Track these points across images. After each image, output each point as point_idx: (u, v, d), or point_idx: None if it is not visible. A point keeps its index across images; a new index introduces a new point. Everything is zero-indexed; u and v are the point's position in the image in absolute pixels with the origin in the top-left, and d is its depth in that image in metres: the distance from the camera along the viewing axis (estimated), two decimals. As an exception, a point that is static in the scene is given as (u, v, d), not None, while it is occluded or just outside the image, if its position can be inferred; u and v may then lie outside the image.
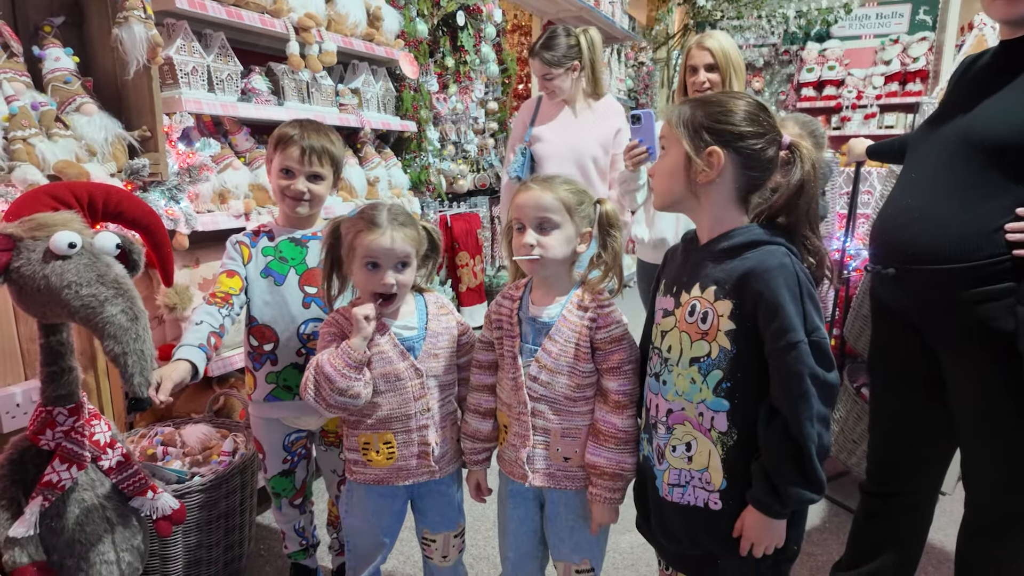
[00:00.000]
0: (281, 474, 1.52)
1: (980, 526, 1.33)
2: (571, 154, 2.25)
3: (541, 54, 2.18)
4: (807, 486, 0.95)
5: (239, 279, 1.38)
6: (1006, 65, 1.21)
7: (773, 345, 0.94)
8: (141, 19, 1.36)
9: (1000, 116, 1.18)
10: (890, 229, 1.32)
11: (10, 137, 1.26)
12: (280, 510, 1.56)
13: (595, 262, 1.16)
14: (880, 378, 1.48)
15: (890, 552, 1.46)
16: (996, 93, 1.21)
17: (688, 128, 0.99)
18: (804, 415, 0.93)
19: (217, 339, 1.33)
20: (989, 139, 1.18)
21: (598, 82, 2.28)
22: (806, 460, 0.94)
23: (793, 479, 0.94)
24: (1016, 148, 1.15)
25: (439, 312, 1.31)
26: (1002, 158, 1.16)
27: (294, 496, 1.55)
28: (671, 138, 1.02)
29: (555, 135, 2.28)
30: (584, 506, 1.18)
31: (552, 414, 1.14)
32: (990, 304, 1.17)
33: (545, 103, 2.34)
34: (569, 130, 2.27)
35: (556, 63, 2.17)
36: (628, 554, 1.86)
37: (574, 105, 2.29)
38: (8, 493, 1.16)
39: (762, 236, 1.00)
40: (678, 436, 1.03)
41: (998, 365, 1.18)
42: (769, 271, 0.95)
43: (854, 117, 5.93)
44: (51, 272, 1.05)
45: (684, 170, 1.00)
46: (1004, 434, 1.22)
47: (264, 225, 1.48)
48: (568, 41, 2.18)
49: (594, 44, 2.22)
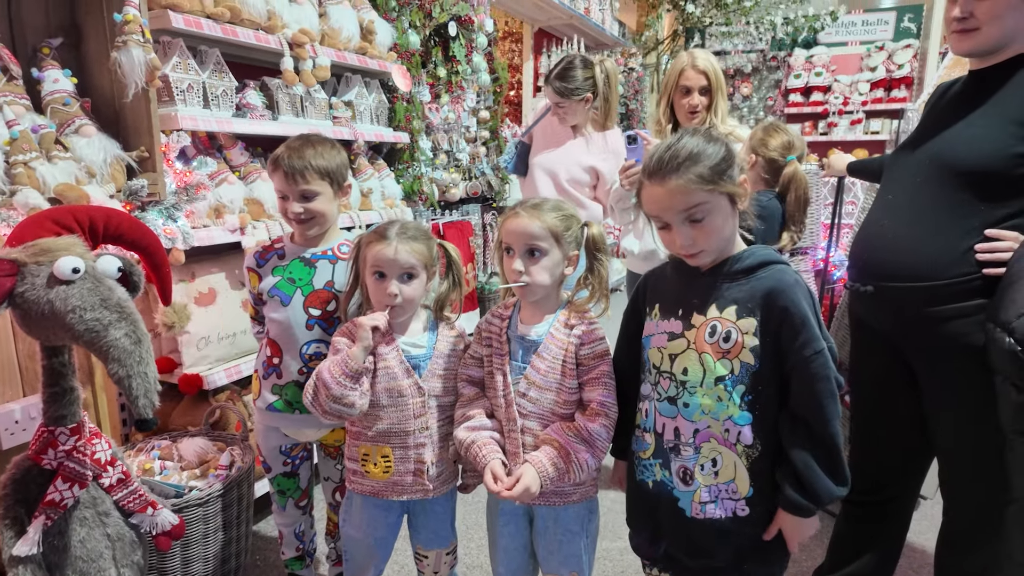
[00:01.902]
0: (285, 475, 1.55)
1: (954, 535, 1.38)
2: (554, 171, 2.30)
3: (555, 83, 2.21)
4: (837, 481, 1.02)
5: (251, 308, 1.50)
6: (974, 93, 1.27)
7: (801, 355, 1.01)
8: (140, 43, 1.38)
9: (968, 142, 1.24)
10: (867, 248, 1.37)
11: (11, 161, 1.28)
12: (284, 510, 1.59)
13: (582, 284, 1.20)
14: (860, 390, 1.53)
15: (869, 556, 1.51)
16: (965, 120, 1.26)
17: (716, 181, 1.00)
18: (833, 415, 1.01)
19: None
20: (959, 164, 1.23)
21: (610, 115, 2.31)
22: (835, 458, 1.02)
23: (823, 478, 1.01)
24: (984, 173, 1.21)
25: (449, 334, 1.34)
26: (971, 182, 1.22)
27: (300, 497, 1.58)
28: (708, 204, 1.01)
29: (555, 154, 2.32)
30: (572, 521, 1.22)
31: (540, 429, 1.17)
32: (962, 320, 1.23)
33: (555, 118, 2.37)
34: (569, 153, 2.31)
35: (568, 94, 2.20)
36: (619, 560, 1.90)
37: (581, 130, 2.32)
38: (12, 512, 1.18)
39: (770, 256, 1.06)
40: (705, 454, 1.07)
41: (970, 379, 1.23)
42: (791, 288, 1.02)
43: (840, 123, 6.02)
44: (55, 297, 1.08)
45: (731, 214, 1.05)
46: (976, 447, 1.27)
47: (278, 240, 1.49)
48: (584, 73, 2.20)
49: (609, 77, 2.25)
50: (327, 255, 1.44)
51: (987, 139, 1.21)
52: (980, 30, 1.22)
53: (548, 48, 4.89)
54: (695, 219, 1.02)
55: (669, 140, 1.03)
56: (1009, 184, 1.20)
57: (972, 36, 1.23)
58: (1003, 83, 1.23)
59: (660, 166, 1.01)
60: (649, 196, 1.05)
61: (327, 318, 1.41)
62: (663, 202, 1.02)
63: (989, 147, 1.21)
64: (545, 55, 4.89)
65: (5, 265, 1.08)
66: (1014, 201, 1.20)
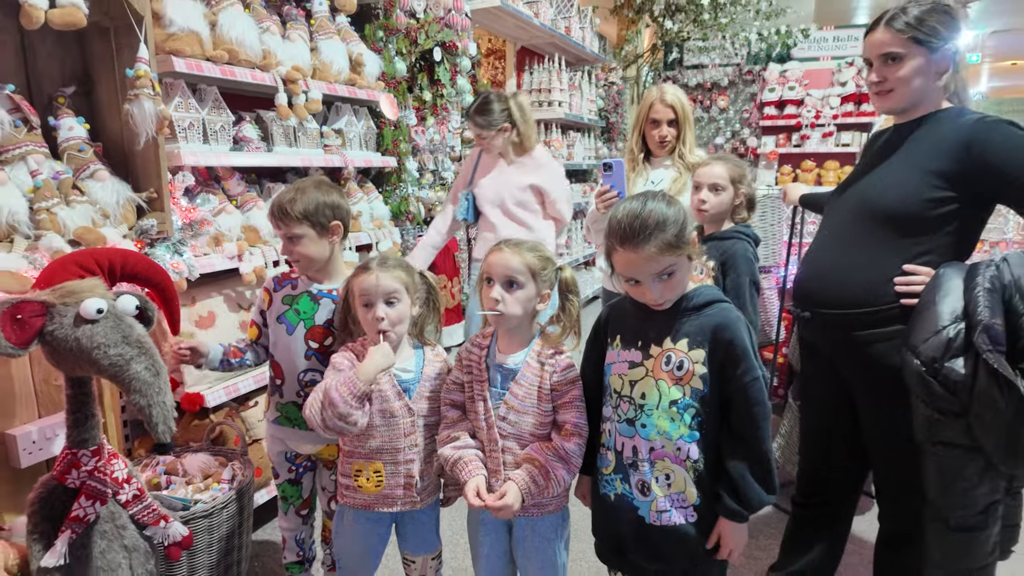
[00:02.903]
0: (289, 482, 1.70)
1: (887, 535, 1.56)
2: (500, 199, 2.60)
3: (475, 118, 2.52)
4: (767, 491, 1.18)
5: (257, 329, 1.61)
6: (897, 144, 1.45)
7: (741, 381, 1.17)
8: (150, 96, 1.51)
9: (889, 188, 1.41)
10: (806, 278, 1.54)
11: (36, 208, 1.41)
12: (287, 515, 1.73)
13: (555, 320, 1.35)
14: (807, 403, 1.71)
15: (814, 553, 1.68)
16: (888, 167, 1.44)
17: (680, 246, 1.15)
18: (766, 434, 1.18)
19: (236, 351, 1.59)
20: (881, 207, 1.41)
21: (525, 140, 2.61)
22: (767, 471, 1.18)
23: (756, 488, 1.17)
24: (902, 215, 1.38)
25: (434, 359, 1.48)
26: (891, 222, 1.40)
27: (301, 506, 1.72)
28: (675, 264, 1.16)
29: (490, 182, 2.64)
30: (549, 529, 1.36)
31: (519, 449, 1.31)
32: (884, 344, 1.40)
33: (484, 155, 2.68)
34: (501, 179, 2.62)
35: (487, 126, 2.51)
36: (593, 562, 2.06)
37: (507, 157, 2.63)
38: (39, 528, 1.31)
39: (716, 295, 1.23)
40: (659, 469, 1.22)
41: (892, 396, 1.40)
42: (734, 323, 1.19)
43: (813, 135, 6.24)
44: (82, 335, 1.21)
45: (689, 267, 1.21)
46: (900, 456, 1.44)
47: (292, 271, 1.61)
48: (500, 106, 2.52)
49: (522, 108, 2.58)
50: (332, 294, 1.56)
51: (905, 185, 1.39)
52: (894, 91, 1.40)
53: (531, 65, 5.05)
54: (664, 277, 1.17)
55: (633, 206, 1.16)
56: (923, 225, 1.38)
57: (888, 97, 1.41)
58: (917, 137, 1.41)
59: (631, 235, 1.14)
60: (622, 260, 1.18)
61: (323, 351, 1.55)
62: (637, 266, 1.16)
63: (906, 192, 1.38)
64: (528, 72, 5.05)
65: (35, 306, 1.21)
66: (927, 239, 1.38)
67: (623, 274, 1.21)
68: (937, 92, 1.41)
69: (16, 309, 1.18)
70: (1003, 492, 1.34)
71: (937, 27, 1.35)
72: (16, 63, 1.58)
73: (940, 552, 1.37)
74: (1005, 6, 9.67)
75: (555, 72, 4.91)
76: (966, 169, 1.33)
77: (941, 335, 1.26)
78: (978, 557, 1.34)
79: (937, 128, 1.39)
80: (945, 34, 1.36)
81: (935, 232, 1.37)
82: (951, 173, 1.34)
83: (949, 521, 1.33)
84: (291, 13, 2.42)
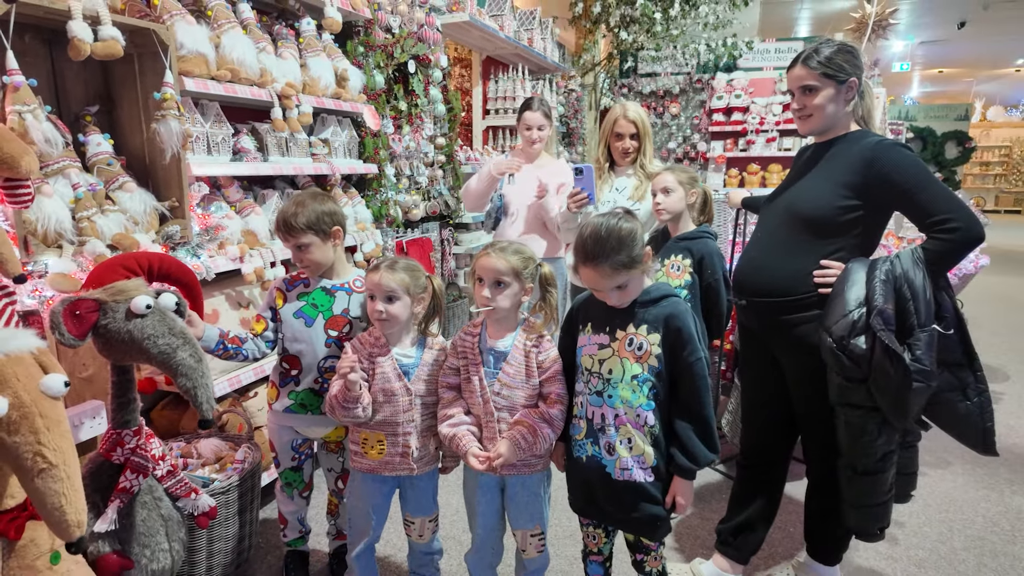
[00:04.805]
0: (292, 469, 1.90)
1: (812, 487, 1.88)
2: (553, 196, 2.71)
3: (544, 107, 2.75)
4: (710, 449, 1.46)
5: (264, 322, 1.77)
6: (816, 160, 1.76)
7: (687, 360, 1.44)
8: (175, 116, 1.69)
9: (808, 197, 1.72)
10: (742, 272, 1.84)
11: (78, 217, 1.57)
12: (292, 499, 1.93)
13: (537, 309, 1.60)
14: (745, 378, 2.01)
15: (756, 505, 1.98)
16: (809, 179, 1.75)
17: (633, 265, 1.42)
18: (707, 401, 1.46)
19: (235, 339, 1.71)
20: (802, 212, 1.72)
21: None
22: (709, 431, 1.46)
23: (700, 446, 1.45)
24: (819, 219, 1.69)
25: (434, 346, 1.70)
26: (811, 226, 1.70)
27: (303, 489, 1.93)
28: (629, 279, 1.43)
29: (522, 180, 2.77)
30: (536, 485, 1.61)
31: (511, 419, 1.56)
32: (805, 326, 1.71)
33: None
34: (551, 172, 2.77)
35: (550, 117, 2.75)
36: (567, 525, 2.33)
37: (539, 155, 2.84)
38: (90, 499, 1.46)
39: (668, 291, 1.51)
40: (622, 434, 1.48)
41: (813, 368, 1.70)
42: (683, 314, 1.47)
43: (758, 140, 6.70)
44: (133, 327, 1.39)
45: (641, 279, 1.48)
46: (820, 418, 1.75)
47: (301, 272, 1.80)
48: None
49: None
50: (344, 287, 1.78)
51: (821, 195, 1.70)
52: (812, 116, 1.71)
53: (495, 74, 5.30)
54: (620, 288, 1.45)
55: (595, 225, 1.43)
56: (836, 228, 1.68)
57: (808, 121, 1.72)
58: (831, 155, 1.72)
59: (593, 255, 1.40)
60: (585, 275, 1.46)
61: (341, 338, 1.76)
62: (597, 281, 1.44)
63: (822, 202, 1.69)
64: (493, 80, 5.29)
65: (90, 303, 1.39)
66: (839, 239, 1.69)
67: (586, 285, 1.50)
68: (847, 116, 1.73)
69: (74, 306, 1.36)
70: (897, 444, 1.66)
71: (843, 64, 1.66)
72: (47, 85, 1.73)
73: (850, 492, 1.69)
74: (933, 18, 10.48)
75: (519, 80, 5.18)
76: (869, 182, 1.64)
77: (848, 318, 1.57)
78: (879, 495, 1.66)
79: (847, 148, 1.70)
80: (849, 69, 1.67)
81: (845, 234, 1.68)
82: (857, 185, 1.65)
83: (856, 467, 1.65)
84: (281, 32, 2.60)
